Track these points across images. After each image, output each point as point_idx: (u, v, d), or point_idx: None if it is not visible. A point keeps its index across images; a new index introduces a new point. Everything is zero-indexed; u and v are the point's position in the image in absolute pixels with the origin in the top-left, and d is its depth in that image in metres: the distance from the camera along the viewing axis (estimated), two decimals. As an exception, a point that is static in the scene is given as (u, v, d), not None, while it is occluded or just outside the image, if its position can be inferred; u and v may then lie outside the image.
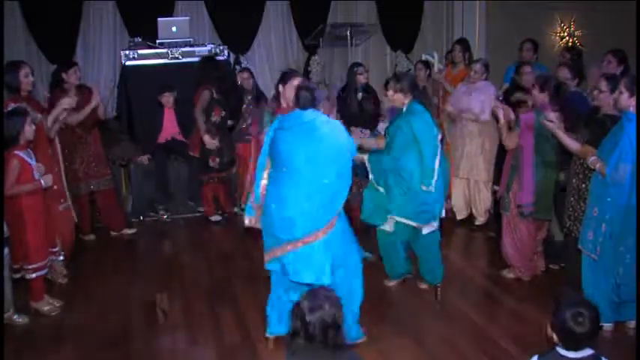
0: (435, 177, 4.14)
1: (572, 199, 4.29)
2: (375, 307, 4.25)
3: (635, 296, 3.78)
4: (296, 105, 3.61)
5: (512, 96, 5.39)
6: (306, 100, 3.56)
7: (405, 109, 4.30)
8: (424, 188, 4.15)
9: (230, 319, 4.21)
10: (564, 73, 4.91)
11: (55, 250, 4.57)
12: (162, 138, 6.47)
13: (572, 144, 4.12)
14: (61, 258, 4.73)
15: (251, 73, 6.78)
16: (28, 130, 4.14)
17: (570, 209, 4.30)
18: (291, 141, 3.50)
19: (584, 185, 4.18)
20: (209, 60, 6.45)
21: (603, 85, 4.05)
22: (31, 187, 4.16)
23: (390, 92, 4.35)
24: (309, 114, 3.55)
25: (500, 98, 5.24)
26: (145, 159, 6.60)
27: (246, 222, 3.76)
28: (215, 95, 6.15)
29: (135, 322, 4.22)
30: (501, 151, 5.35)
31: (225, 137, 6.31)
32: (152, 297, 4.53)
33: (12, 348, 3.78)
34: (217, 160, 6.23)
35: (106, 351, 3.84)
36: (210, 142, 6.15)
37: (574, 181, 4.29)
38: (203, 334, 4.03)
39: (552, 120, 4.18)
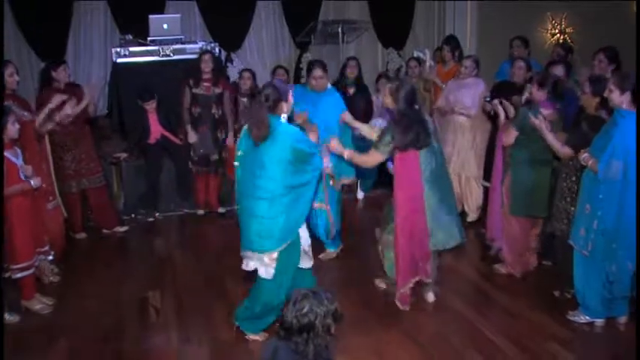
0: None
1: (554, 197, 4.34)
2: (369, 305, 4.26)
3: (626, 293, 3.81)
4: None
5: (500, 92, 5.38)
6: None
7: None
8: None
9: (223, 316, 4.19)
10: (559, 71, 4.92)
11: (43, 249, 4.50)
12: (153, 139, 6.41)
13: (557, 145, 4.13)
14: (51, 257, 4.66)
15: (252, 75, 6.62)
16: (11, 129, 4.05)
17: (554, 208, 4.34)
18: None
19: (564, 184, 4.23)
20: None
21: (586, 87, 4.10)
22: (19, 189, 4.08)
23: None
24: None
25: (487, 98, 5.19)
26: (128, 156, 6.53)
27: None
28: (193, 89, 6.12)
29: (127, 320, 4.21)
30: (491, 147, 5.38)
31: (204, 131, 6.26)
32: (144, 294, 4.54)
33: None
34: (195, 151, 6.27)
35: (98, 349, 3.82)
36: (192, 134, 6.18)
37: (559, 180, 4.32)
38: (196, 331, 4.02)
39: (544, 119, 4.20)
